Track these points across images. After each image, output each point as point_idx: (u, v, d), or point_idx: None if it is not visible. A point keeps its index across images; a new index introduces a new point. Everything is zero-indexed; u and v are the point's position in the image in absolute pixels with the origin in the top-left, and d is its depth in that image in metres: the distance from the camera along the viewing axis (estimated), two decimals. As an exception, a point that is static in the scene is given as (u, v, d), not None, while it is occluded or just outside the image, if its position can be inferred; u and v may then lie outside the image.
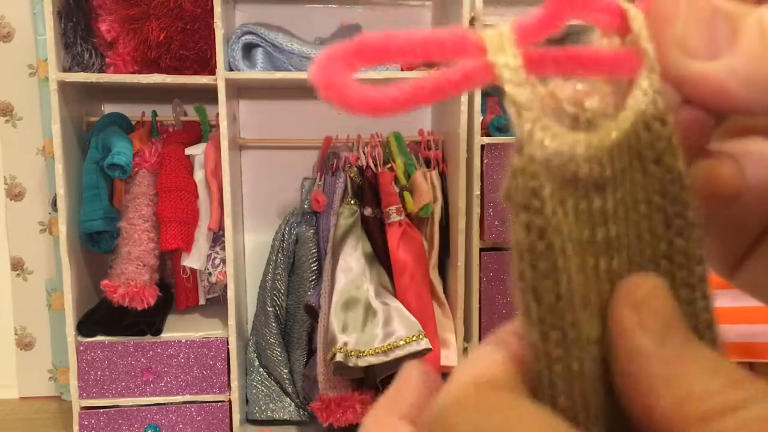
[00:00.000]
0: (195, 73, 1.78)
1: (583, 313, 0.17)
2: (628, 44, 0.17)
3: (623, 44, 0.18)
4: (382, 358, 1.61)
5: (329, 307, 1.71)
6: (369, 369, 1.67)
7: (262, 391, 1.94)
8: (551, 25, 0.17)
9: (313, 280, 1.88)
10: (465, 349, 1.85)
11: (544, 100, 0.17)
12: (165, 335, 1.80)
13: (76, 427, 1.78)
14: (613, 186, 0.17)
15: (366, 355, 1.61)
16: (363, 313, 1.69)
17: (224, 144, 1.76)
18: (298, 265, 1.92)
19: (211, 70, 1.75)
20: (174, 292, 1.96)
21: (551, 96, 0.17)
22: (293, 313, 1.95)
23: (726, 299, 1.64)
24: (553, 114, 0.17)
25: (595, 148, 0.17)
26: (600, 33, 0.18)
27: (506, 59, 0.16)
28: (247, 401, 1.95)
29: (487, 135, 1.80)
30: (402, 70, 1.80)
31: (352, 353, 1.61)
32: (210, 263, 1.83)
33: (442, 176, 1.91)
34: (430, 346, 1.65)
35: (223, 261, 1.81)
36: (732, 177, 0.18)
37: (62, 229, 1.72)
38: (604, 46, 0.18)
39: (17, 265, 2.23)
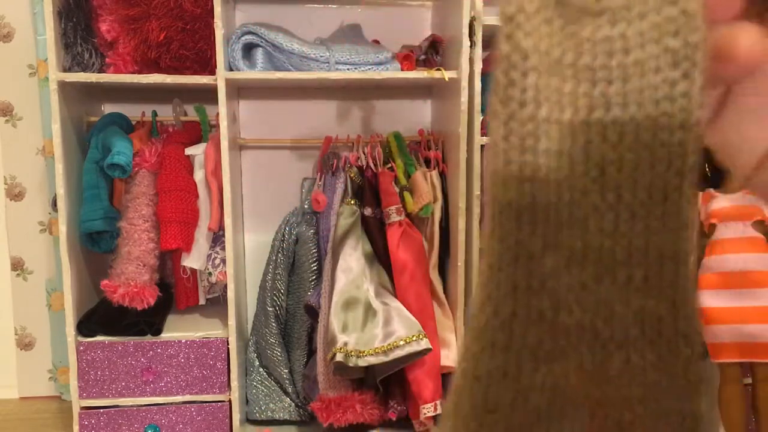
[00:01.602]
0: (195, 73, 1.78)
1: (548, 125, 0.18)
2: None
3: None
4: (382, 358, 1.61)
5: (329, 307, 1.71)
6: (369, 369, 1.67)
7: (262, 391, 1.94)
8: None
9: (313, 280, 1.88)
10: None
11: None
12: (165, 335, 1.80)
13: (76, 427, 1.78)
14: (611, 18, 0.18)
15: (366, 355, 1.61)
16: (363, 313, 1.69)
17: (224, 144, 1.76)
18: (298, 265, 1.92)
19: (211, 70, 1.75)
20: (174, 292, 1.96)
21: None
22: (293, 313, 1.95)
23: (726, 299, 1.65)
24: None
25: None
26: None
27: None
28: (247, 401, 1.95)
29: (487, 135, 1.80)
30: (402, 69, 1.81)
31: (352, 353, 1.61)
32: (210, 263, 1.83)
33: (442, 176, 1.91)
34: (430, 346, 1.65)
35: (223, 261, 1.81)
36: (748, 42, 0.18)
37: (62, 229, 1.72)
38: None
39: (17, 265, 2.23)
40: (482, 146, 1.78)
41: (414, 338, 1.63)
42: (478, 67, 1.75)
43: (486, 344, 0.20)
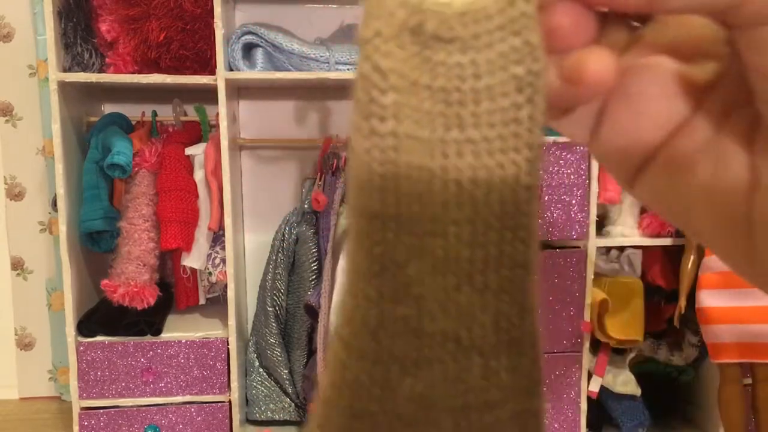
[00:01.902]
0: (195, 73, 1.78)
1: (409, 141, 0.19)
2: None
3: None
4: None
5: (329, 307, 1.71)
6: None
7: (262, 391, 1.94)
8: None
9: (313, 280, 1.88)
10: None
11: None
12: (165, 335, 1.80)
13: (76, 428, 1.78)
14: (462, 46, 0.19)
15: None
16: (363, 313, 1.69)
17: (224, 144, 1.76)
18: (298, 265, 1.92)
19: (211, 70, 1.75)
20: (174, 292, 1.96)
21: None
22: (293, 313, 1.94)
23: (726, 299, 1.64)
24: None
25: (445, 7, 0.19)
26: None
27: None
28: (247, 402, 1.95)
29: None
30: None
31: (352, 353, 1.61)
32: (210, 263, 1.83)
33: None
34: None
35: (223, 261, 1.81)
36: (596, 65, 0.19)
37: (62, 228, 1.72)
38: None
39: (17, 265, 2.23)
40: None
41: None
42: (478, 67, 1.75)
43: (354, 353, 0.20)
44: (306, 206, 1.94)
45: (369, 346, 0.20)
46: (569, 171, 1.78)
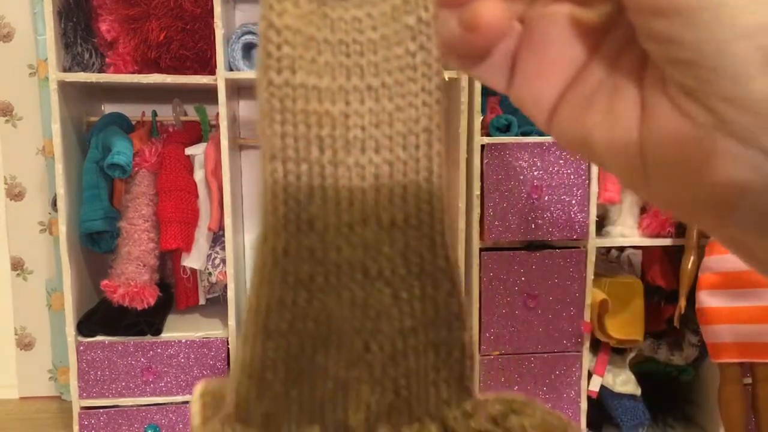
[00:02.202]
0: (195, 73, 1.78)
1: (305, 90, 0.21)
2: None
3: None
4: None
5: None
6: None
7: None
8: None
9: (313, 280, 1.88)
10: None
11: None
12: (165, 335, 1.80)
13: (76, 427, 1.78)
14: (358, 1, 0.21)
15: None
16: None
17: (224, 144, 1.76)
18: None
19: (211, 70, 1.75)
20: (174, 292, 1.96)
21: None
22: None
23: (726, 299, 1.64)
24: None
25: None
26: None
27: None
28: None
29: (487, 135, 1.80)
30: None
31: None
32: (210, 263, 1.83)
33: (442, 176, 1.90)
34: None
35: (223, 261, 1.81)
36: (491, 12, 0.21)
37: (62, 229, 1.72)
38: None
39: (17, 265, 2.23)
40: (483, 146, 1.78)
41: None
42: (478, 67, 1.75)
43: (264, 278, 0.22)
44: (306, 206, 1.94)
45: (276, 271, 0.22)
46: (569, 171, 1.78)
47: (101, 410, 1.79)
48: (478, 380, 1.84)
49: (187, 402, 1.82)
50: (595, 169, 1.78)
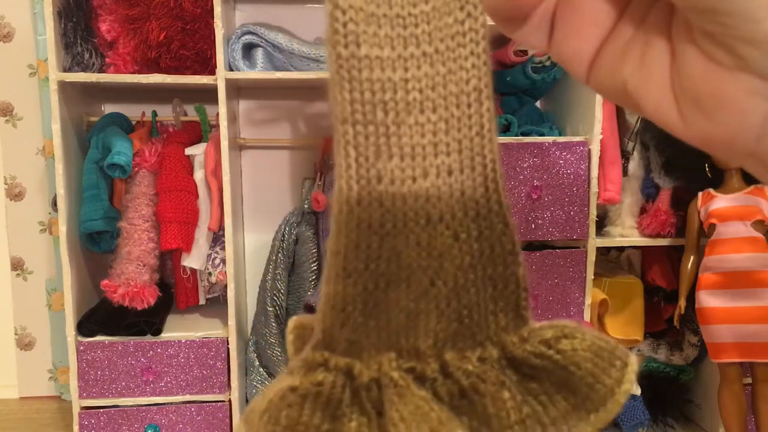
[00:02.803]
0: (195, 73, 1.78)
1: (369, 60, 0.24)
2: None
3: None
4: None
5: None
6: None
7: (263, 391, 1.94)
8: None
9: (313, 280, 1.88)
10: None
11: None
12: (165, 335, 1.80)
13: (76, 427, 1.78)
14: None
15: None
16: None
17: (224, 144, 1.76)
18: (298, 265, 1.92)
19: (211, 70, 1.75)
20: (174, 292, 1.96)
21: None
22: (293, 312, 1.95)
23: (726, 299, 1.65)
24: None
25: None
26: None
27: None
28: (247, 401, 1.95)
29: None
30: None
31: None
32: (210, 263, 1.83)
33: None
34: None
35: (223, 261, 1.81)
36: None
37: (62, 229, 1.72)
38: None
39: (17, 265, 2.23)
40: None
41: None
42: (478, 67, 1.75)
43: (341, 226, 0.25)
44: (306, 206, 1.94)
45: (350, 219, 0.25)
46: (569, 171, 1.78)
47: (101, 410, 1.79)
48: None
49: (187, 402, 1.82)
50: (595, 169, 1.78)
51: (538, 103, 2.05)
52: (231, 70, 1.76)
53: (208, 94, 1.83)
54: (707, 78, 0.21)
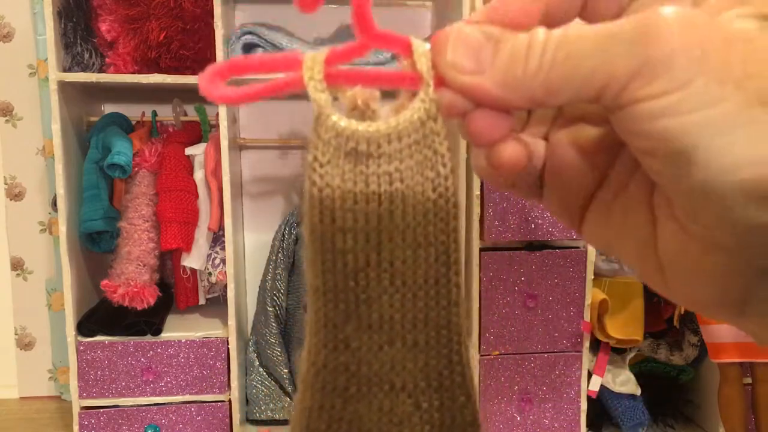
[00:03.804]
0: (195, 73, 1.78)
1: (343, 233, 0.25)
2: (412, 67, 0.25)
3: (411, 67, 0.25)
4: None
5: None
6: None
7: (262, 391, 1.94)
8: (359, 52, 0.26)
9: (313, 280, 1.88)
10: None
11: (346, 100, 0.26)
12: (165, 335, 1.80)
13: (76, 427, 1.78)
14: (388, 159, 0.25)
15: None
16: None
17: (224, 144, 1.76)
18: (298, 265, 1.92)
19: (211, 70, 1.75)
20: (174, 292, 1.96)
21: (350, 98, 0.26)
22: (293, 313, 1.95)
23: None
24: (352, 113, 0.26)
25: (374, 132, 0.25)
26: (401, 58, 0.26)
27: (311, 74, 0.25)
28: (247, 401, 1.95)
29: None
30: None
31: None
32: (210, 263, 1.83)
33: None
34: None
35: (223, 261, 1.81)
36: (510, 153, 0.25)
37: (62, 229, 1.72)
38: (402, 68, 0.26)
39: (17, 265, 2.23)
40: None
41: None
42: (478, 67, 1.75)
43: (307, 386, 0.26)
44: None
45: (317, 381, 0.26)
46: (569, 171, 1.78)
47: (101, 410, 1.79)
48: (479, 380, 1.84)
49: (187, 402, 1.82)
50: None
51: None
52: (231, 70, 1.75)
53: (208, 94, 1.82)
54: (685, 252, 0.22)
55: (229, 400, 1.84)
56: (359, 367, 0.26)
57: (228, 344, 1.82)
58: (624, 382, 1.87)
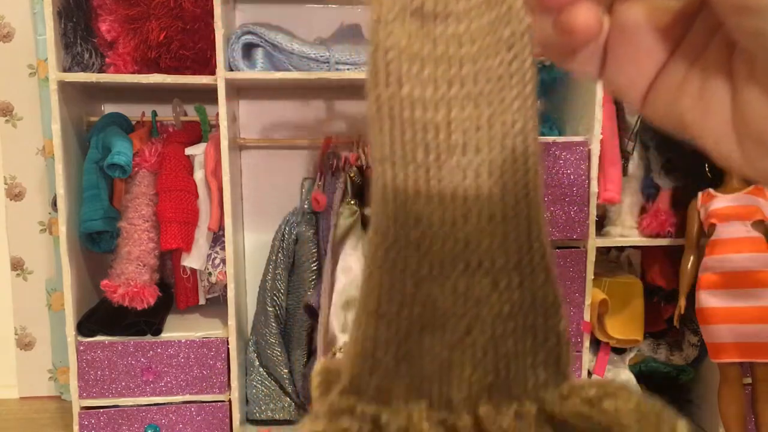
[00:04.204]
0: (195, 73, 1.78)
1: (410, 100, 0.23)
2: None
3: None
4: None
5: (329, 307, 1.71)
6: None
7: (262, 391, 1.94)
8: None
9: (313, 280, 1.88)
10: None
11: None
12: (165, 335, 1.80)
13: (76, 427, 1.78)
14: (456, 18, 0.23)
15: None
16: (363, 313, 1.69)
17: (224, 144, 1.76)
18: (298, 265, 1.92)
19: (211, 70, 1.75)
20: (174, 292, 1.96)
21: None
22: (293, 313, 1.94)
23: (726, 299, 1.64)
24: None
25: None
26: None
27: None
28: (247, 401, 1.95)
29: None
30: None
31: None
32: (210, 263, 1.83)
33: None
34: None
35: (223, 261, 1.81)
36: (584, 16, 0.23)
37: (62, 229, 1.72)
38: None
39: (17, 265, 2.23)
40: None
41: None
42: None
43: (377, 265, 0.25)
44: (306, 206, 1.94)
45: (387, 259, 0.24)
46: (569, 171, 1.78)
47: (101, 410, 1.79)
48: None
49: (187, 402, 1.82)
50: (595, 169, 1.78)
51: (538, 103, 2.05)
52: (231, 70, 1.76)
53: (208, 94, 1.83)
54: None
55: (229, 400, 1.84)
56: (431, 246, 0.24)
57: (228, 344, 1.82)
58: (624, 382, 1.87)
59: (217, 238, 1.85)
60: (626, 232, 1.88)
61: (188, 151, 1.83)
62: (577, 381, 0.26)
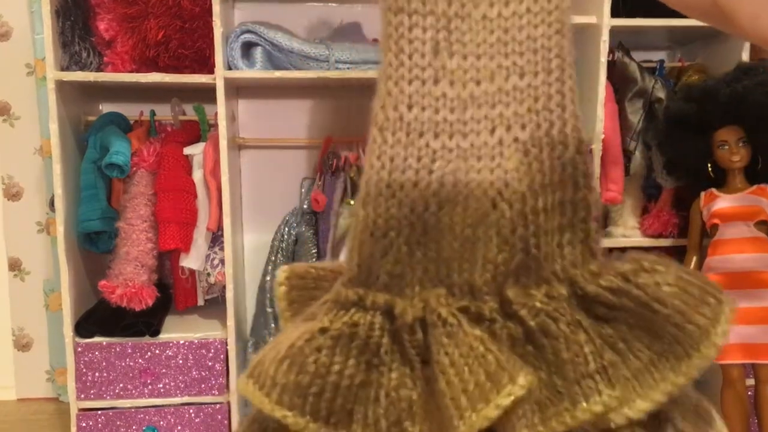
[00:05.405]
0: (194, 72, 1.77)
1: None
2: None
3: None
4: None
5: (329, 308, 1.70)
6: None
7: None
8: None
9: (312, 281, 1.87)
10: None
11: None
12: (163, 336, 1.79)
13: (73, 429, 1.77)
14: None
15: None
16: (363, 314, 1.68)
17: (223, 144, 1.75)
18: (298, 266, 1.91)
19: (210, 69, 1.74)
20: (173, 293, 1.95)
21: None
22: (293, 313, 1.93)
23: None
24: None
25: None
26: None
27: None
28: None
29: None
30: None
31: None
32: (209, 264, 1.82)
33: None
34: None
35: (222, 261, 1.80)
36: None
37: (60, 229, 1.71)
38: None
39: (15, 266, 2.22)
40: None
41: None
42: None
43: (386, 132, 0.23)
44: (305, 206, 1.93)
45: (396, 124, 0.21)
46: (570, 171, 1.77)
47: (99, 412, 1.78)
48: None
49: (185, 404, 1.81)
50: (596, 169, 1.77)
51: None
52: (230, 69, 1.75)
53: (207, 94, 1.82)
54: None
55: (228, 402, 1.83)
56: (453, 107, 0.22)
57: (227, 345, 1.81)
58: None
59: (216, 239, 1.84)
60: (628, 233, 1.87)
61: (187, 150, 1.82)
62: (607, 260, 0.24)
